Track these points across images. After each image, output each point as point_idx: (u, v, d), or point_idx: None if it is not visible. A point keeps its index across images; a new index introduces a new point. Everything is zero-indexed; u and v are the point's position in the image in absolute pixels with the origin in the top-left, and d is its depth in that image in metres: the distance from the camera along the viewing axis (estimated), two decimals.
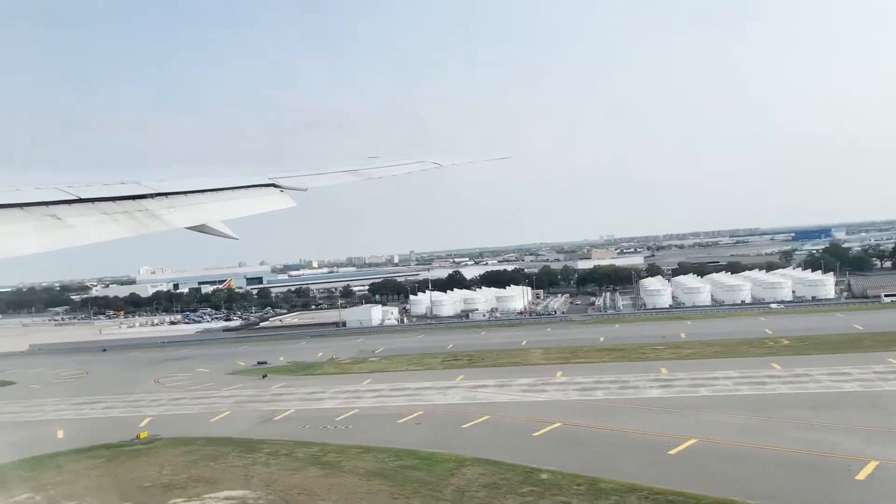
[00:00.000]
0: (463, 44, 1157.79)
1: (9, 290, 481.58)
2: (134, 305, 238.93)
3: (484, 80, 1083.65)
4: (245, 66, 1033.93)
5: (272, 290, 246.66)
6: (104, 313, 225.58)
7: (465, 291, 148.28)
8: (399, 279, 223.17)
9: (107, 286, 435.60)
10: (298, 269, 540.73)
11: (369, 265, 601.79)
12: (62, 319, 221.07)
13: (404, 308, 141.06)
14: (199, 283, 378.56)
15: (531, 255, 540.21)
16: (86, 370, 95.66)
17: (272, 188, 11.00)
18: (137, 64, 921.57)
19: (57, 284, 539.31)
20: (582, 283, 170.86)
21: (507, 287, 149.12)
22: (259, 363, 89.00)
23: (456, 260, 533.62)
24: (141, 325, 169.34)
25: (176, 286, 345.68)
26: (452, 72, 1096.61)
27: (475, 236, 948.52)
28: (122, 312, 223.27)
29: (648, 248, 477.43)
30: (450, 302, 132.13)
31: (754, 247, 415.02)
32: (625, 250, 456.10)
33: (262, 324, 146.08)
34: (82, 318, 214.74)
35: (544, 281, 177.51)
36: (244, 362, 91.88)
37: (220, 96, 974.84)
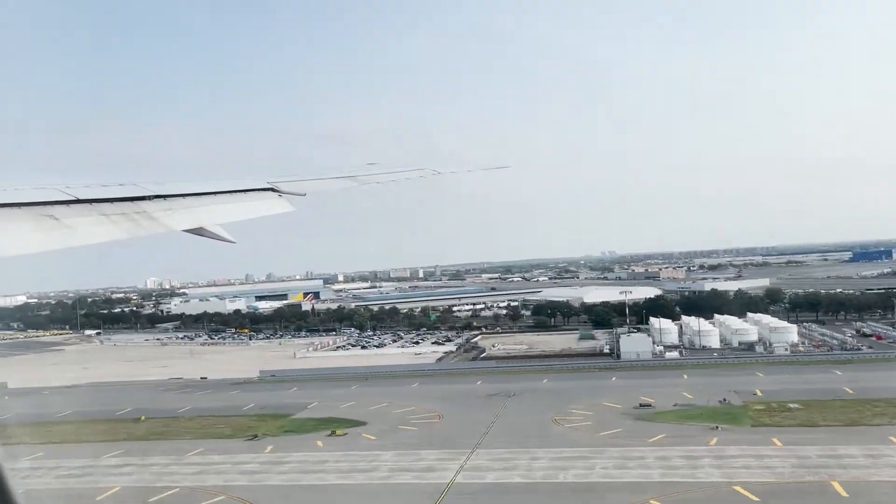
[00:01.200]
0: (468, 60, 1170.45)
1: (35, 300, 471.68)
2: (253, 322, 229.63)
3: (489, 98, 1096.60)
4: (251, 79, 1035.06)
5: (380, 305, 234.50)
6: (221, 332, 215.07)
7: (715, 318, 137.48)
8: (558, 300, 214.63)
9: (152, 300, 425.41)
10: (331, 283, 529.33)
11: (394, 279, 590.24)
12: (191, 338, 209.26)
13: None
14: (258, 297, 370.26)
15: (567, 271, 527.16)
16: (432, 411, 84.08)
17: (270, 192, 11.09)
18: (139, 72, 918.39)
19: (71, 295, 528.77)
20: (792, 310, 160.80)
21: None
22: (642, 405, 79.40)
23: (501, 276, 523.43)
24: (322, 347, 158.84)
25: (219, 299, 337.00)
26: (458, 88, 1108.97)
27: (473, 251, 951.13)
28: (245, 331, 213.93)
29: (702, 268, 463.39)
30: (715, 331, 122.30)
31: (818, 268, 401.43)
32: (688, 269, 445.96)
33: (487, 351, 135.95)
34: (223, 339, 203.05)
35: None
36: (613, 402, 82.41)
37: (224, 108, 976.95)
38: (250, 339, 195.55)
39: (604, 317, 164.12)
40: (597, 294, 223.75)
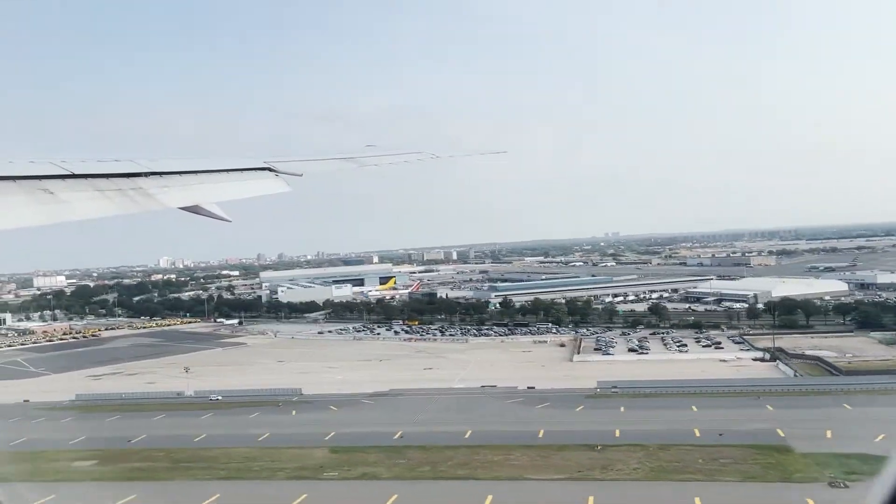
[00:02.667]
0: (473, 43, 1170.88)
1: (74, 280, 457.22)
2: (416, 313, 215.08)
3: (493, 81, 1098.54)
4: (249, 59, 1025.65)
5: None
6: (384, 323, 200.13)
7: None
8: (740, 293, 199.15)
9: (201, 282, 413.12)
10: (362, 265, 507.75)
11: (428, 262, 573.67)
12: (371, 330, 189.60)
13: None
14: (334, 281, 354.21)
15: (616, 255, 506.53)
16: None
17: (267, 172, 11.26)
18: (138, 55, 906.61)
19: (94, 273, 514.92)
20: None
21: None
22: None
23: (557, 260, 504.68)
24: (580, 348, 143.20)
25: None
26: (463, 71, 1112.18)
27: (475, 233, 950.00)
28: (416, 323, 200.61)
29: (771, 253, 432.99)
30: None
31: None
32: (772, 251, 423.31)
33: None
34: (408, 331, 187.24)
35: None
36: None
37: (222, 87, 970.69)
38: (441, 333, 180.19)
39: (874, 318, 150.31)
40: (785, 288, 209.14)
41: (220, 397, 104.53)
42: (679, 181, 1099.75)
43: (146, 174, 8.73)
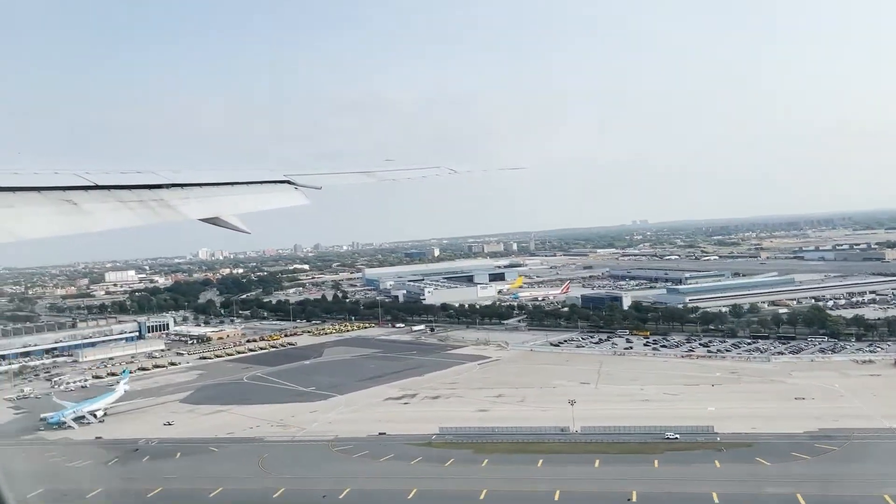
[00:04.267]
0: (499, 28, 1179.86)
1: (143, 276, 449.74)
2: (640, 322, 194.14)
3: (520, 75, 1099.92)
4: (275, 48, 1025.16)
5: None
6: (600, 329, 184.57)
7: None
8: None
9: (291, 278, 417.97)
10: (418, 262, 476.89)
11: (490, 255, 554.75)
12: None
13: None
14: (445, 277, 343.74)
15: (692, 247, 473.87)
16: None
17: (287, 185, 11.23)
18: (170, 52, 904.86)
19: (147, 268, 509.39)
20: None
21: None
22: None
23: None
24: None
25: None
26: (490, 54, 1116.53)
27: (502, 222, 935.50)
28: (647, 334, 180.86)
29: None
30: None
31: None
32: None
33: None
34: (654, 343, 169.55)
35: None
36: None
37: (254, 83, 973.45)
38: (704, 347, 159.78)
39: None
40: None
41: (678, 436, 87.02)
42: (702, 169, 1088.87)
43: (168, 186, 8.59)
